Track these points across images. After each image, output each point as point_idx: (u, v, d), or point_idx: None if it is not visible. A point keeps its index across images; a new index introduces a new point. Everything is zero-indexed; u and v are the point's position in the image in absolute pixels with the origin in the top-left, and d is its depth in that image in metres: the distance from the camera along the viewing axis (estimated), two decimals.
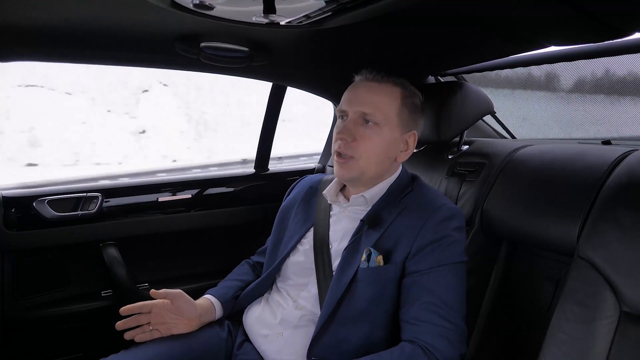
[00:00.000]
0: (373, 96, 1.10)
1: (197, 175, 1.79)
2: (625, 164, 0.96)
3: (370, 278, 1.03)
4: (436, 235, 1.03)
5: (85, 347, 1.55)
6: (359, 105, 1.09)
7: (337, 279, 1.06)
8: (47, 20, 1.06)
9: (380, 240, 1.06)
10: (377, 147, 1.09)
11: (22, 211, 1.44)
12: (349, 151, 1.08)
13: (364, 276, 1.04)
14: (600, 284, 0.84)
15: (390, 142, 1.11)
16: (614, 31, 0.87)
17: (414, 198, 1.12)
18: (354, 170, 1.10)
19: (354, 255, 1.07)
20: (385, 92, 1.11)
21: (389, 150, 1.12)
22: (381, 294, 1.03)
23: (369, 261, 1.04)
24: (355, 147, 1.08)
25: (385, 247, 1.05)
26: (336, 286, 1.05)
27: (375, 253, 1.04)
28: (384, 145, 1.11)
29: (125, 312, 1.11)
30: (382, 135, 1.09)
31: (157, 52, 1.31)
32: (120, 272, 1.54)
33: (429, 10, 0.99)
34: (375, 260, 1.03)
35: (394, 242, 1.05)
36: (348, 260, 1.08)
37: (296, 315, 1.10)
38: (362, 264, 1.04)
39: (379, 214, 1.10)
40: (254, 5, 0.90)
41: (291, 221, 1.27)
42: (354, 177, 1.11)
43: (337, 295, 1.04)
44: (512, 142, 1.40)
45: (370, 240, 1.06)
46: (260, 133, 1.86)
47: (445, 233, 1.04)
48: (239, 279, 1.31)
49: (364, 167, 1.10)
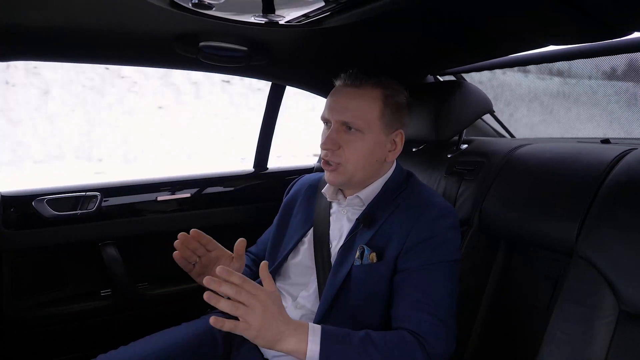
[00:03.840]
0: (352, 102, 1.09)
1: (196, 174, 1.79)
2: (624, 163, 0.96)
3: (363, 275, 1.05)
4: (428, 234, 1.04)
5: (84, 346, 1.55)
6: (339, 114, 1.09)
7: (332, 277, 1.08)
8: (46, 20, 1.06)
9: (374, 238, 1.07)
10: (362, 152, 1.10)
11: (21, 210, 1.44)
12: (335, 158, 1.09)
13: (358, 273, 1.05)
14: (599, 283, 0.84)
15: (375, 145, 1.11)
16: (612, 31, 0.87)
17: (407, 196, 1.13)
18: (342, 175, 1.11)
19: (349, 253, 1.09)
20: (364, 96, 1.09)
21: (375, 154, 1.12)
22: (375, 292, 1.04)
23: (362, 258, 1.05)
24: (341, 154, 1.09)
25: (378, 245, 1.06)
26: (331, 283, 1.07)
27: (368, 250, 1.05)
28: (369, 150, 1.10)
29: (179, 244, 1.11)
30: (365, 140, 1.09)
31: (156, 52, 1.31)
32: (119, 271, 1.53)
33: (428, 9, 0.99)
34: (369, 258, 1.05)
35: (386, 239, 1.06)
36: (343, 258, 1.09)
37: (296, 315, 1.11)
38: (356, 261, 1.05)
39: (373, 212, 1.11)
40: (253, 5, 0.90)
41: (292, 220, 1.28)
42: (344, 181, 1.12)
43: (332, 293, 1.05)
44: (511, 141, 1.40)
45: (364, 238, 1.08)
46: (260, 132, 1.87)
47: (437, 231, 1.04)
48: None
49: (352, 171, 1.10)
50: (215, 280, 0.82)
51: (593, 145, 1.17)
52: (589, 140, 1.40)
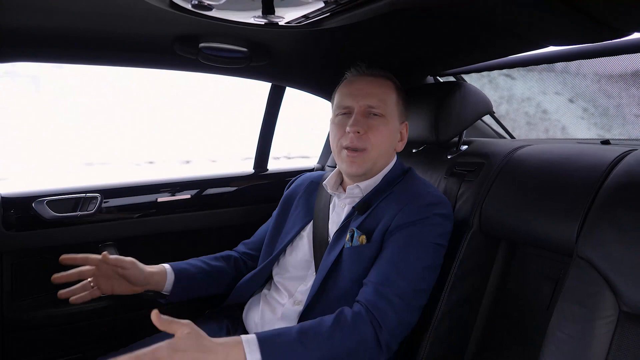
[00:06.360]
0: (374, 89, 1.15)
1: (195, 176, 1.79)
2: (624, 163, 0.96)
3: (353, 257, 1.06)
4: (416, 217, 1.05)
5: (84, 347, 1.55)
6: (364, 98, 1.13)
7: (325, 259, 1.10)
8: (46, 20, 1.06)
9: (365, 221, 1.10)
10: (386, 136, 1.14)
11: (21, 212, 1.44)
12: (361, 143, 1.12)
13: (347, 255, 1.07)
14: (599, 284, 0.84)
15: (393, 131, 1.17)
16: (613, 31, 0.87)
17: (402, 186, 1.16)
18: (366, 163, 1.14)
19: (341, 238, 1.11)
20: (382, 85, 1.16)
21: (392, 140, 1.18)
22: (363, 274, 1.05)
23: (352, 241, 1.07)
24: (366, 139, 1.12)
25: (368, 228, 1.09)
26: (323, 266, 1.09)
27: (358, 233, 1.08)
28: (390, 135, 1.16)
29: (67, 261, 1.07)
30: (387, 125, 1.14)
31: (156, 53, 1.31)
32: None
33: (428, 10, 0.99)
34: (358, 240, 1.07)
35: (376, 222, 1.09)
36: (336, 242, 1.11)
37: (296, 311, 1.12)
38: (347, 243, 1.08)
39: (367, 200, 1.14)
40: (253, 6, 0.90)
41: (291, 214, 1.30)
42: (366, 169, 1.15)
43: (322, 275, 1.07)
44: (511, 142, 1.40)
45: (356, 222, 1.11)
46: (259, 133, 1.87)
47: (426, 215, 1.06)
48: (207, 262, 1.30)
49: (374, 158, 1.14)
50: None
51: (593, 146, 1.16)
52: (589, 141, 1.39)
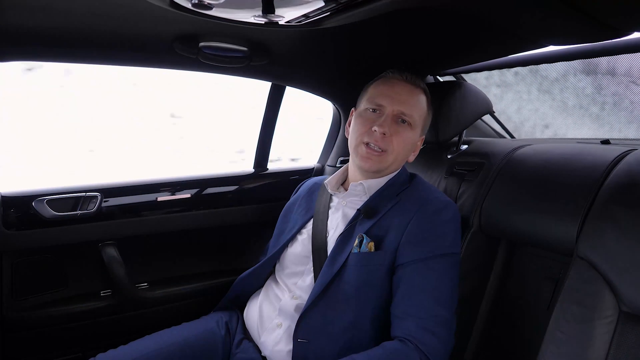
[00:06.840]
0: (413, 98, 1.16)
1: (196, 175, 1.79)
2: (624, 163, 0.96)
3: (360, 263, 1.06)
4: (426, 226, 1.06)
5: (84, 347, 1.55)
6: (400, 104, 1.14)
7: (330, 263, 1.09)
8: (46, 20, 1.06)
9: (373, 228, 1.10)
10: (406, 144, 1.16)
11: (21, 211, 1.44)
12: (384, 145, 1.13)
13: (355, 261, 1.07)
14: (599, 284, 0.84)
15: (413, 141, 1.18)
16: (613, 31, 0.87)
17: (409, 193, 1.16)
18: (383, 163, 1.15)
19: (348, 242, 1.11)
20: (419, 96, 1.17)
21: (410, 149, 1.19)
22: (369, 280, 1.05)
23: (361, 247, 1.07)
24: (390, 142, 1.13)
25: (377, 235, 1.08)
26: (328, 269, 1.09)
27: (367, 239, 1.07)
28: (410, 145, 1.18)
29: None
30: (411, 135, 1.16)
31: (156, 52, 1.31)
32: (119, 272, 1.53)
33: (428, 10, 0.99)
34: (367, 247, 1.07)
35: (385, 231, 1.09)
36: (341, 245, 1.11)
37: (293, 304, 1.12)
38: (354, 249, 1.08)
39: (374, 204, 1.14)
40: (253, 5, 0.90)
41: (293, 214, 1.33)
42: (381, 168, 1.16)
43: (327, 278, 1.07)
44: (511, 142, 1.40)
45: (364, 227, 1.10)
46: (259, 133, 1.86)
47: (436, 224, 1.07)
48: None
49: (391, 160, 1.15)
50: None
51: (593, 146, 1.16)
52: (589, 140, 1.39)
